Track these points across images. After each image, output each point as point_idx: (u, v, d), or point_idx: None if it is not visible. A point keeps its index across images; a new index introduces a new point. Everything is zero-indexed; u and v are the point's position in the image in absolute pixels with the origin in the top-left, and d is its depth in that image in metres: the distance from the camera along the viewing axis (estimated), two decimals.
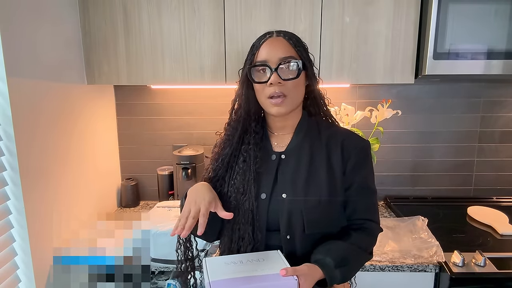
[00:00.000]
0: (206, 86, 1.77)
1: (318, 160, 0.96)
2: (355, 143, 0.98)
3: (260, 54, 0.93)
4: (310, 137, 0.99)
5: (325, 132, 0.99)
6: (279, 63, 0.90)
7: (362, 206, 0.98)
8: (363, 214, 0.98)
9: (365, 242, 0.97)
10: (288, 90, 0.91)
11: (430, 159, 1.87)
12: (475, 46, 1.36)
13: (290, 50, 0.92)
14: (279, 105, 0.92)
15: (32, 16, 1.17)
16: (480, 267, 1.22)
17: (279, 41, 0.93)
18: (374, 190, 1.00)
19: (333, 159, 0.96)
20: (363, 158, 0.98)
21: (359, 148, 0.98)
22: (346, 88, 1.79)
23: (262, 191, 0.95)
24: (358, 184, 0.97)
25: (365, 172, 0.98)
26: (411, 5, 1.39)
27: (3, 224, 1.07)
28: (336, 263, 0.87)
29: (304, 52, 0.95)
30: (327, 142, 0.97)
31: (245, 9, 1.40)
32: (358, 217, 0.98)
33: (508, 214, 1.61)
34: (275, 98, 0.91)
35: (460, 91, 1.80)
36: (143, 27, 1.42)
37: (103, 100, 1.71)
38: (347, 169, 0.96)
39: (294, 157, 0.97)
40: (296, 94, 0.94)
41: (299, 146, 0.98)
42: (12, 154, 1.06)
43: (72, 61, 1.40)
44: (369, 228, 0.98)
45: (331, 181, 0.94)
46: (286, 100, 0.92)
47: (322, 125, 1.01)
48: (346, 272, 0.90)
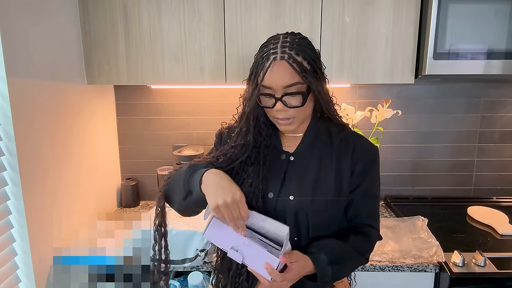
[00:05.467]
0: (206, 86, 1.77)
1: (327, 163, 0.96)
2: (366, 148, 0.98)
3: (265, 79, 0.88)
4: (320, 139, 0.98)
5: (336, 135, 0.99)
6: (283, 94, 0.88)
7: (365, 210, 0.98)
8: (364, 219, 0.98)
9: (363, 246, 0.97)
10: (295, 113, 0.91)
11: (430, 159, 1.87)
12: (475, 46, 1.36)
13: (294, 76, 0.87)
14: (287, 125, 0.93)
15: (32, 16, 1.17)
16: (480, 267, 1.22)
17: (282, 67, 0.87)
18: (378, 196, 1.01)
19: (342, 162, 0.96)
20: (371, 163, 0.98)
21: (369, 152, 0.98)
22: (346, 88, 1.79)
23: (270, 190, 0.95)
24: (364, 188, 0.97)
25: (371, 177, 0.98)
26: (411, 5, 1.39)
27: (3, 224, 1.06)
28: (330, 260, 0.88)
29: (310, 73, 0.88)
30: (338, 145, 0.97)
31: (245, 9, 1.40)
32: (359, 221, 0.98)
33: (508, 214, 1.61)
34: (283, 120, 0.92)
35: (460, 91, 1.80)
36: (143, 27, 1.42)
37: (103, 100, 1.71)
38: (355, 171, 0.96)
39: (303, 159, 0.97)
40: (304, 113, 0.94)
41: (309, 148, 0.98)
42: (12, 154, 1.06)
43: (72, 61, 1.40)
44: (368, 233, 0.98)
45: (338, 185, 0.95)
46: (294, 120, 0.92)
47: (333, 128, 1.00)
48: (338, 271, 0.91)
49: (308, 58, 0.88)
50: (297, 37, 0.91)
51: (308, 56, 0.89)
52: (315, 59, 0.90)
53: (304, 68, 0.87)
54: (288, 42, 0.89)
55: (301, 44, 0.90)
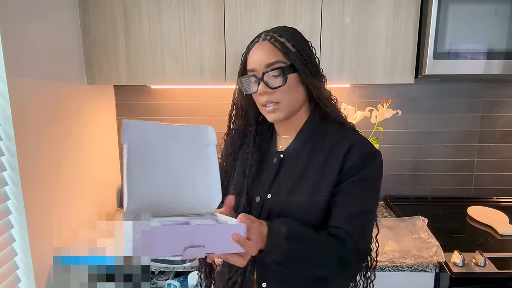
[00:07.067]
0: (206, 86, 1.77)
1: (313, 163, 0.88)
2: (363, 150, 0.87)
3: (249, 62, 0.89)
4: (312, 141, 0.91)
5: (332, 136, 0.90)
6: (264, 72, 0.85)
7: (342, 213, 0.83)
8: (340, 222, 0.83)
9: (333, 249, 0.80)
10: (280, 97, 0.86)
11: (430, 159, 1.87)
12: (475, 46, 1.36)
13: (275, 54, 0.85)
14: (274, 112, 0.88)
15: (32, 16, 1.17)
16: (480, 267, 1.22)
17: (264, 46, 0.86)
18: (367, 210, 0.86)
19: (331, 162, 0.86)
20: (365, 165, 0.85)
21: (366, 155, 0.86)
22: (346, 88, 1.79)
23: (257, 194, 0.92)
24: (348, 189, 0.84)
25: (361, 182, 0.85)
26: (411, 5, 1.39)
27: (3, 224, 1.06)
28: (289, 235, 0.76)
29: (293, 53, 0.86)
30: (330, 147, 0.88)
31: (245, 9, 1.40)
32: (333, 224, 0.83)
33: (508, 214, 1.61)
34: (268, 106, 0.88)
35: (460, 91, 1.80)
36: (143, 27, 1.42)
37: (103, 100, 1.71)
38: (342, 170, 0.85)
39: (290, 160, 0.92)
40: (290, 98, 0.87)
41: (298, 149, 0.92)
42: (12, 154, 1.06)
43: (72, 61, 1.40)
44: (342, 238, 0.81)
45: (317, 187, 0.86)
46: (280, 106, 0.87)
47: (331, 130, 0.91)
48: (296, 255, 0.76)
49: (292, 41, 0.87)
50: (285, 27, 0.92)
51: (293, 39, 0.87)
52: (302, 45, 0.88)
53: (287, 48, 0.85)
54: (271, 32, 0.89)
55: (287, 30, 0.90)
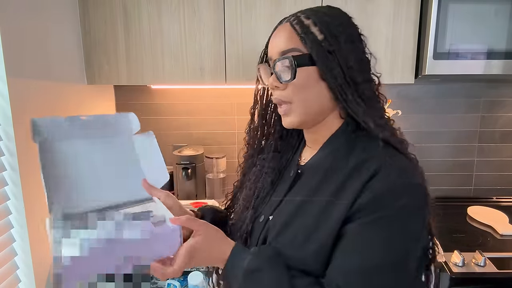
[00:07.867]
0: (206, 86, 1.77)
1: (328, 188, 0.67)
2: (392, 176, 0.63)
3: (268, 47, 0.73)
4: (334, 156, 0.71)
5: (360, 153, 0.68)
6: (275, 61, 0.68)
7: (340, 264, 0.62)
8: (335, 275, 0.62)
9: None
10: (292, 95, 0.68)
11: (430, 159, 1.87)
12: (475, 46, 1.36)
13: (292, 40, 0.67)
14: (287, 115, 0.71)
15: (32, 16, 1.17)
16: (480, 267, 1.22)
17: (283, 30, 0.69)
18: (378, 265, 0.60)
19: (347, 189, 0.64)
20: (386, 199, 0.61)
21: (392, 183, 0.62)
22: None
23: (263, 212, 0.76)
24: (355, 232, 0.62)
25: (375, 222, 0.61)
26: (411, 5, 1.39)
27: (3, 224, 1.06)
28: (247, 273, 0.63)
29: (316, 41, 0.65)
30: (354, 166, 0.66)
31: (245, 9, 1.40)
32: (329, 274, 0.63)
33: (508, 214, 1.60)
34: (281, 107, 0.71)
35: (460, 91, 1.80)
36: (143, 27, 1.42)
37: (103, 100, 1.71)
38: (356, 204, 0.62)
39: (307, 177, 0.74)
40: (306, 98, 0.68)
41: (316, 166, 0.74)
42: (12, 154, 1.06)
43: (72, 61, 1.40)
44: None
45: (325, 219, 0.65)
46: (293, 107, 0.69)
47: (361, 144, 0.69)
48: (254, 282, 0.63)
49: (321, 25, 0.66)
50: (326, 7, 0.72)
51: (324, 23, 0.66)
52: (338, 31, 0.66)
53: (310, 33, 0.66)
54: (309, 8, 0.71)
55: (324, 11, 0.69)
